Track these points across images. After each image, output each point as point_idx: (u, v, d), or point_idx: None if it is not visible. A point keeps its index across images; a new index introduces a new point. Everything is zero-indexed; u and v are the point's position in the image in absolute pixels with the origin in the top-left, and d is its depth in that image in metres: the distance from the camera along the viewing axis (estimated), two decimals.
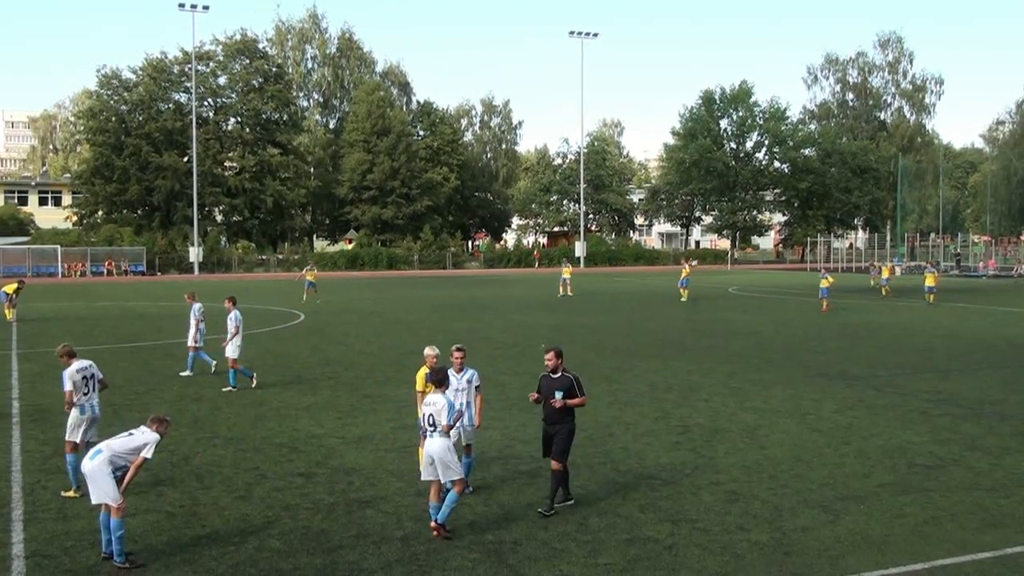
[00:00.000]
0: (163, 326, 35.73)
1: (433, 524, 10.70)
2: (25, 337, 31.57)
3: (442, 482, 10.71)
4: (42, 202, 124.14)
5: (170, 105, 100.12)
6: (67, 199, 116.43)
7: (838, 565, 9.93)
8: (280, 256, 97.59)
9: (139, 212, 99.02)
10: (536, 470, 13.72)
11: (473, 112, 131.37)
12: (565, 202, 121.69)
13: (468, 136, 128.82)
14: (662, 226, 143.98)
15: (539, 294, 54.64)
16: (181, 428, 16.70)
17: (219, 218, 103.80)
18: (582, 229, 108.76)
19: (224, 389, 20.72)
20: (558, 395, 11.58)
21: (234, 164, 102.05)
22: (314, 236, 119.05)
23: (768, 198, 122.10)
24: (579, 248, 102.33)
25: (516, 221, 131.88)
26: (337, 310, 42.93)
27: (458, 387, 12.20)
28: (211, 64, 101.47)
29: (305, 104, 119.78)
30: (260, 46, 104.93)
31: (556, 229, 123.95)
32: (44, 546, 10.51)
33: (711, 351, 27.51)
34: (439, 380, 11.31)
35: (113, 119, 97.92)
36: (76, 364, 12.52)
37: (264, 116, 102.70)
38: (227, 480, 13.20)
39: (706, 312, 41.18)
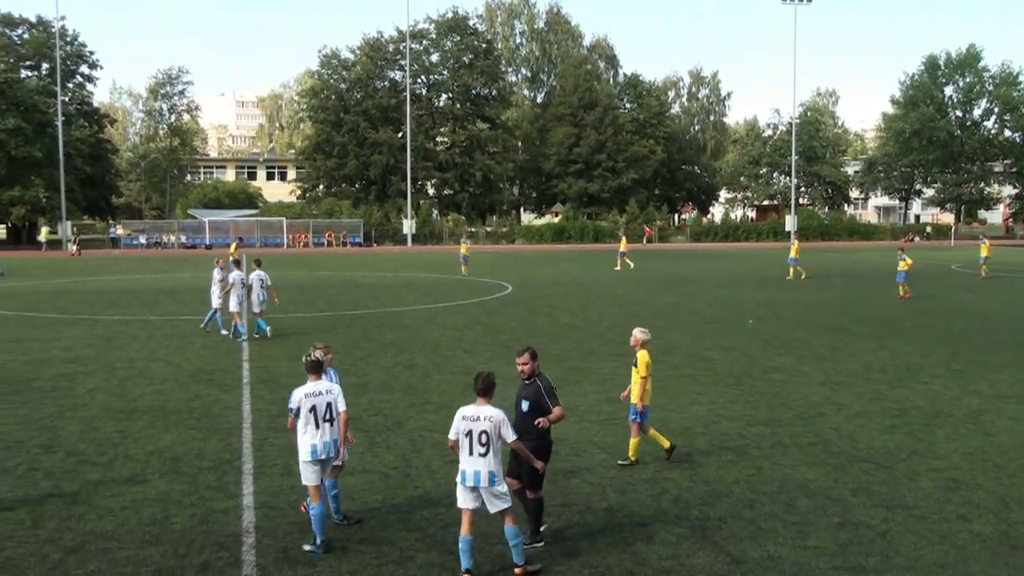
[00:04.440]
0: (379, 295, 37.27)
1: (518, 570, 9.10)
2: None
3: (491, 512, 9.22)
4: (269, 177, 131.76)
5: (386, 83, 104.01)
6: (291, 174, 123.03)
7: None
8: (489, 228, 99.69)
9: (357, 186, 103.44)
10: (742, 447, 13.51)
11: (680, 84, 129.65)
12: (775, 175, 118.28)
13: (675, 108, 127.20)
14: (879, 199, 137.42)
15: (747, 269, 53.46)
16: (395, 393, 17.45)
17: (431, 191, 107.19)
18: (793, 202, 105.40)
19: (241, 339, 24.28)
20: (524, 405, 9.87)
21: (445, 139, 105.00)
22: (521, 209, 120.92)
23: (997, 169, 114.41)
24: (789, 222, 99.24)
25: (724, 194, 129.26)
26: (543, 282, 43.46)
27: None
28: (424, 42, 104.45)
29: (513, 79, 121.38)
30: (470, 23, 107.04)
31: (765, 202, 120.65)
32: (271, 498, 11.24)
33: (931, 331, 26.17)
34: (485, 389, 9.27)
35: (333, 97, 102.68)
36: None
37: (474, 91, 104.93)
38: (438, 444, 13.66)
39: (926, 290, 39.14)
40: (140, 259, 68.44)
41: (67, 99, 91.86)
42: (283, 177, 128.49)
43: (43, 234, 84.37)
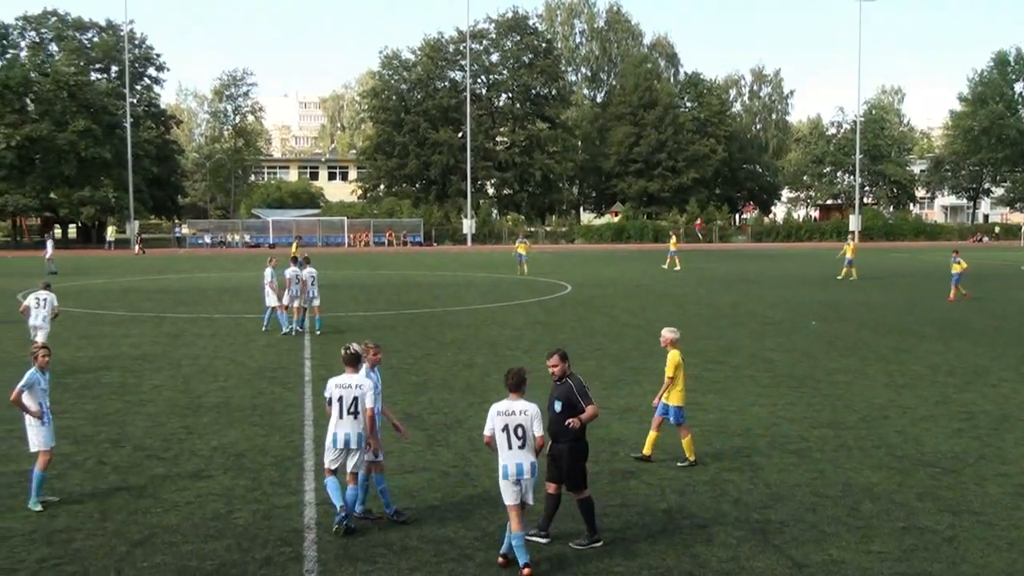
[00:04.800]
0: (439, 294, 37.46)
1: (526, 572, 8.93)
2: None
3: (528, 504, 9.30)
4: (331, 177, 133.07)
5: (446, 83, 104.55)
6: (353, 174, 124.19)
7: None
8: (548, 228, 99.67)
9: (417, 186, 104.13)
10: (804, 449, 13.35)
11: (742, 82, 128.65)
12: (839, 174, 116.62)
13: (737, 107, 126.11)
14: (946, 199, 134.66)
15: (809, 269, 52.76)
16: (455, 392, 17.52)
17: (491, 191, 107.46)
18: (857, 202, 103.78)
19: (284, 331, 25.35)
20: (557, 405, 9.80)
21: (505, 139, 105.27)
22: (581, 208, 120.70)
23: None
24: (853, 222, 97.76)
25: (786, 194, 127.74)
26: (603, 282, 43.33)
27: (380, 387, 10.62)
28: (484, 42, 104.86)
29: (573, 78, 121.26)
30: (530, 22, 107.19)
31: (829, 202, 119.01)
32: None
33: (1000, 332, 25.60)
34: (516, 384, 9.37)
35: (394, 98, 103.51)
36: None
37: (534, 91, 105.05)
38: None
39: (994, 291, 38.30)
40: (205, 258, 69.59)
41: (135, 101, 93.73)
42: (344, 177, 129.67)
43: (109, 233, 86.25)
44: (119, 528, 10.32)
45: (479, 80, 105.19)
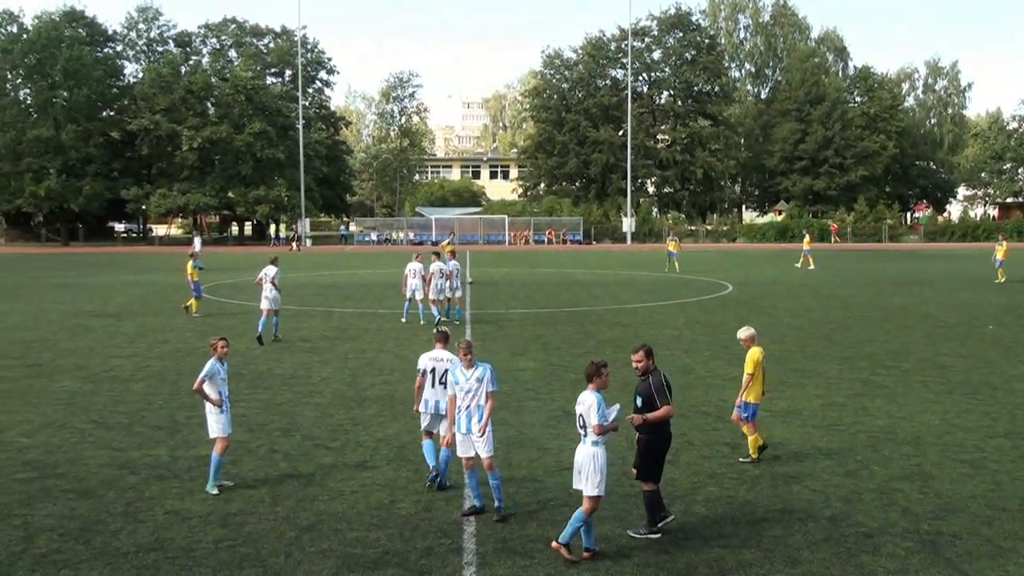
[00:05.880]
0: (598, 293, 37.44)
1: (585, 553, 9.51)
2: (477, 299, 34.45)
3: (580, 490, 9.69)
4: (492, 175, 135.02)
5: (607, 81, 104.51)
6: (513, 172, 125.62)
7: None
8: (709, 227, 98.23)
9: (577, 184, 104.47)
10: (979, 460, 12.71)
11: (916, 75, 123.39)
12: (1020, 170, 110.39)
13: (909, 101, 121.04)
14: None
15: (987, 271, 50.11)
16: (612, 391, 17.39)
17: (651, 190, 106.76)
18: None
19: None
20: (638, 400, 10.32)
21: (666, 137, 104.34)
22: (743, 207, 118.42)
23: None
24: None
25: (962, 191, 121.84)
26: (766, 282, 42.38)
27: (467, 387, 10.97)
28: (646, 39, 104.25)
29: (736, 74, 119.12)
30: (693, 19, 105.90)
31: (1009, 200, 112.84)
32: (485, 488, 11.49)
33: None
34: (587, 375, 10.00)
35: (555, 97, 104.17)
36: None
37: (696, 88, 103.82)
38: None
39: None
40: (372, 255, 71.66)
41: (307, 103, 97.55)
42: (505, 176, 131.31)
43: (278, 230, 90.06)
44: (288, 513, 10.76)
45: (640, 78, 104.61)
